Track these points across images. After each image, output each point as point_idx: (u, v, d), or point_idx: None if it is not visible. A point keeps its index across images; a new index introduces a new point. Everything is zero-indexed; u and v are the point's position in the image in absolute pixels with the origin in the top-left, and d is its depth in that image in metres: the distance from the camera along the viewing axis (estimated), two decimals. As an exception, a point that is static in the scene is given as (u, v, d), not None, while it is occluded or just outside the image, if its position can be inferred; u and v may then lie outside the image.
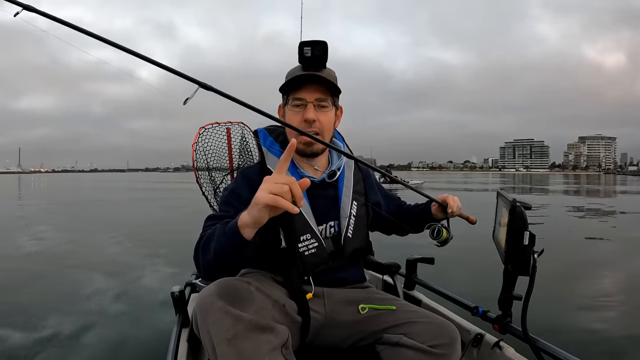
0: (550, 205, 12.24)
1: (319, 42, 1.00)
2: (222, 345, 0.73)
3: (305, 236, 0.99)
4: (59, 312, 2.78)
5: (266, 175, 0.98)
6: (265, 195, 0.69)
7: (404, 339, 0.92)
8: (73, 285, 3.51)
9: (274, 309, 0.87)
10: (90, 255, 4.82)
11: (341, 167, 1.11)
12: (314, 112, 1.00)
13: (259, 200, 0.69)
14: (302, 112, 1.00)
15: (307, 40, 1.00)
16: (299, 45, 1.00)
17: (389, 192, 1.30)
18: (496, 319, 1.06)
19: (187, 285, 1.37)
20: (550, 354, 0.93)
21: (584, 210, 11.42)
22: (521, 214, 0.92)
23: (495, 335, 1.10)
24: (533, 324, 0.93)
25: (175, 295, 1.21)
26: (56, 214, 10.35)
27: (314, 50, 1.00)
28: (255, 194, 0.71)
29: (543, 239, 1.01)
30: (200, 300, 0.79)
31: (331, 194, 1.07)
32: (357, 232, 1.07)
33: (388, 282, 1.46)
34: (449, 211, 1.14)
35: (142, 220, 8.99)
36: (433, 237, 1.17)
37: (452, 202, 1.15)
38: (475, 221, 1.21)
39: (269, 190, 0.69)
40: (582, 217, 9.71)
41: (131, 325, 2.56)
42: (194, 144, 1.54)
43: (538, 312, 1.57)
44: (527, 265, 0.92)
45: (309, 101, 1.00)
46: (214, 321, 0.75)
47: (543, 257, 0.91)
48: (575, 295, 3.38)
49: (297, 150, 1.02)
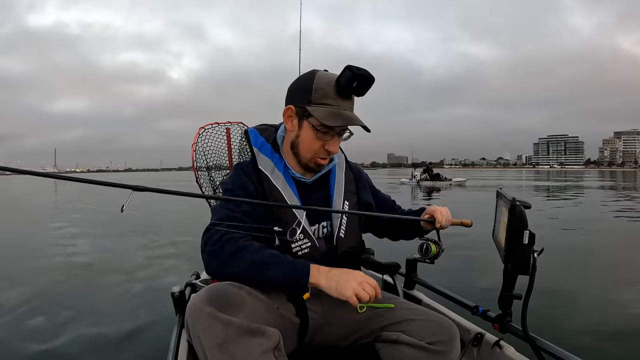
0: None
1: (369, 79, 0.94)
2: (213, 350, 0.74)
3: (299, 236, 0.99)
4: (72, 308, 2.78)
5: (259, 175, 1.01)
6: (353, 286, 0.84)
7: (402, 336, 0.92)
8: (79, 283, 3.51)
9: (267, 312, 0.86)
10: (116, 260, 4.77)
11: (332, 167, 1.11)
12: (338, 145, 1.03)
13: (346, 289, 0.84)
14: (325, 141, 1.00)
15: (359, 73, 0.92)
16: (346, 69, 0.93)
17: (382, 194, 1.30)
18: (496, 318, 1.06)
19: (187, 286, 1.37)
20: (551, 353, 0.93)
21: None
22: (521, 213, 0.92)
23: (496, 335, 1.10)
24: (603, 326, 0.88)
25: (176, 295, 1.21)
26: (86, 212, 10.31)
27: (361, 84, 0.94)
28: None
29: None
30: (190, 307, 0.80)
31: (323, 194, 1.08)
32: (350, 232, 1.08)
33: (388, 281, 1.46)
34: (437, 226, 1.13)
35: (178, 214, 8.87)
36: (422, 254, 1.17)
37: (440, 216, 1.12)
38: (470, 224, 1.21)
39: (355, 290, 0.84)
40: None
41: (131, 325, 2.55)
42: (193, 144, 1.54)
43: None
44: (527, 264, 0.92)
45: (336, 133, 1.00)
46: (204, 327, 0.76)
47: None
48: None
49: (306, 167, 1.04)
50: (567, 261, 4.20)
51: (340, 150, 1.17)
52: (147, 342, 2.31)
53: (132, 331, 2.45)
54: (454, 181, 22.01)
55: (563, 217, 8.16)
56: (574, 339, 2.29)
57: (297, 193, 1.02)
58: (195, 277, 1.55)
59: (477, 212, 7.67)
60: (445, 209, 1.15)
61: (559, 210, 9.77)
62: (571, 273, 3.84)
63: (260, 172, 1.00)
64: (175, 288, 1.23)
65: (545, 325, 2.39)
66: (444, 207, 1.16)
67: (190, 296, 1.33)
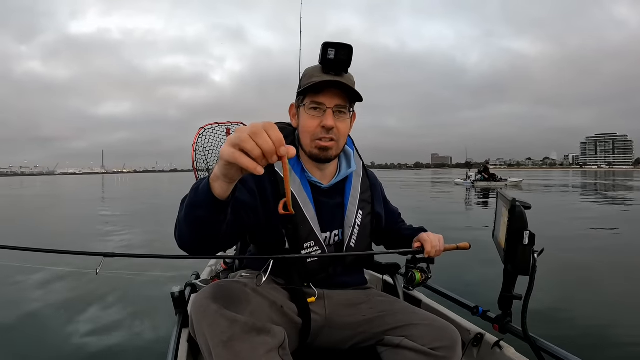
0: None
1: (344, 46, 0.94)
2: (219, 347, 0.73)
3: (309, 243, 0.98)
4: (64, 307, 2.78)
5: (275, 177, 0.98)
6: (226, 150, 0.59)
7: (405, 341, 0.92)
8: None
9: (271, 311, 0.87)
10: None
11: (349, 174, 1.09)
12: (333, 119, 0.96)
13: (221, 154, 0.61)
14: (320, 117, 0.96)
15: (332, 42, 0.95)
16: (322, 45, 0.95)
17: (391, 206, 1.28)
18: (496, 319, 1.07)
19: (187, 286, 1.37)
20: (551, 353, 0.93)
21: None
22: (521, 214, 0.92)
23: (496, 335, 1.10)
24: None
25: (175, 295, 1.21)
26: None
27: (339, 53, 0.94)
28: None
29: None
30: (196, 304, 0.79)
31: (337, 201, 1.06)
32: (360, 242, 1.06)
33: (388, 282, 1.47)
34: (425, 256, 1.11)
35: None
36: (405, 280, 1.18)
37: (430, 247, 1.09)
38: (469, 247, 1.19)
39: (230, 142, 0.58)
40: None
41: (131, 324, 2.55)
42: (193, 144, 1.54)
43: None
44: (527, 265, 0.93)
45: (329, 107, 0.96)
46: (210, 324, 0.75)
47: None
48: None
49: (311, 155, 1.00)
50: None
51: (359, 157, 1.16)
52: (147, 342, 2.31)
53: (131, 331, 2.45)
54: (510, 181, 20.23)
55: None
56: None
57: (312, 197, 1.01)
58: (195, 277, 1.55)
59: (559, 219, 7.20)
60: (438, 237, 1.12)
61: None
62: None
63: (277, 174, 0.98)
64: (175, 288, 1.23)
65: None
66: (438, 235, 1.14)
67: (190, 296, 1.33)
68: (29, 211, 11.60)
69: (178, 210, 0.79)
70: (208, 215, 0.72)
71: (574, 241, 5.14)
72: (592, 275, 3.71)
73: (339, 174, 1.06)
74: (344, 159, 1.10)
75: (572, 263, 4.04)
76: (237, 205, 0.84)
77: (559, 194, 15.30)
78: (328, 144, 0.98)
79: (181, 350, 1.07)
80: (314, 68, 0.99)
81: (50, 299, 3.08)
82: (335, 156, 1.02)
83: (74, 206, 13.06)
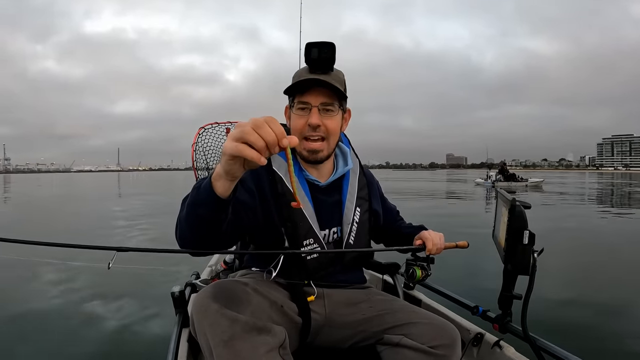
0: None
1: (326, 44, 0.96)
2: (219, 347, 0.74)
3: (308, 241, 0.99)
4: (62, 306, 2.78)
5: (273, 177, 0.99)
6: (229, 144, 0.60)
7: (404, 339, 0.92)
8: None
9: (272, 310, 0.87)
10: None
11: (346, 172, 1.10)
12: (318, 117, 0.97)
13: (224, 150, 0.62)
14: (306, 117, 0.98)
15: (314, 42, 0.96)
16: (305, 46, 0.97)
17: (389, 203, 1.29)
18: (496, 319, 1.07)
19: (187, 286, 1.37)
20: (550, 353, 0.93)
21: None
22: (521, 213, 0.92)
23: (496, 335, 1.10)
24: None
25: (175, 295, 1.21)
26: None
27: (321, 52, 0.96)
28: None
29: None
30: (197, 303, 0.79)
31: (335, 199, 1.07)
32: (359, 239, 1.07)
33: (388, 281, 1.47)
34: (427, 254, 1.13)
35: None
36: (406, 277, 1.19)
37: (431, 245, 1.11)
38: (467, 245, 1.20)
39: (233, 136, 0.60)
40: None
41: (131, 325, 2.55)
42: (193, 144, 1.54)
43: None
44: (527, 264, 0.93)
45: (314, 105, 0.97)
46: (211, 323, 0.75)
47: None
48: None
49: (301, 157, 1.02)
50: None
51: (355, 156, 1.17)
52: (147, 342, 2.31)
53: (132, 331, 2.45)
54: (530, 182, 19.96)
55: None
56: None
57: (310, 195, 1.02)
58: (195, 277, 1.55)
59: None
60: (439, 235, 1.14)
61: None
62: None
63: (275, 173, 1.00)
64: (175, 288, 1.23)
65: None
66: (439, 233, 1.15)
67: (190, 296, 1.33)
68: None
69: (179, 210, 0.80)
70: (209, 213, 0.73)
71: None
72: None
73: (336, 172, 1.07)
74: (341, 157, 1.11)
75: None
76: (237, 205, 0.84)
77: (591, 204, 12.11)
78: (316, 144, 0.99)
79: (181, 350, 1.07)
80: (301, 69, 1.02)
81: (51, 295, 3.09)
82: (327, 156, 1.03)
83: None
